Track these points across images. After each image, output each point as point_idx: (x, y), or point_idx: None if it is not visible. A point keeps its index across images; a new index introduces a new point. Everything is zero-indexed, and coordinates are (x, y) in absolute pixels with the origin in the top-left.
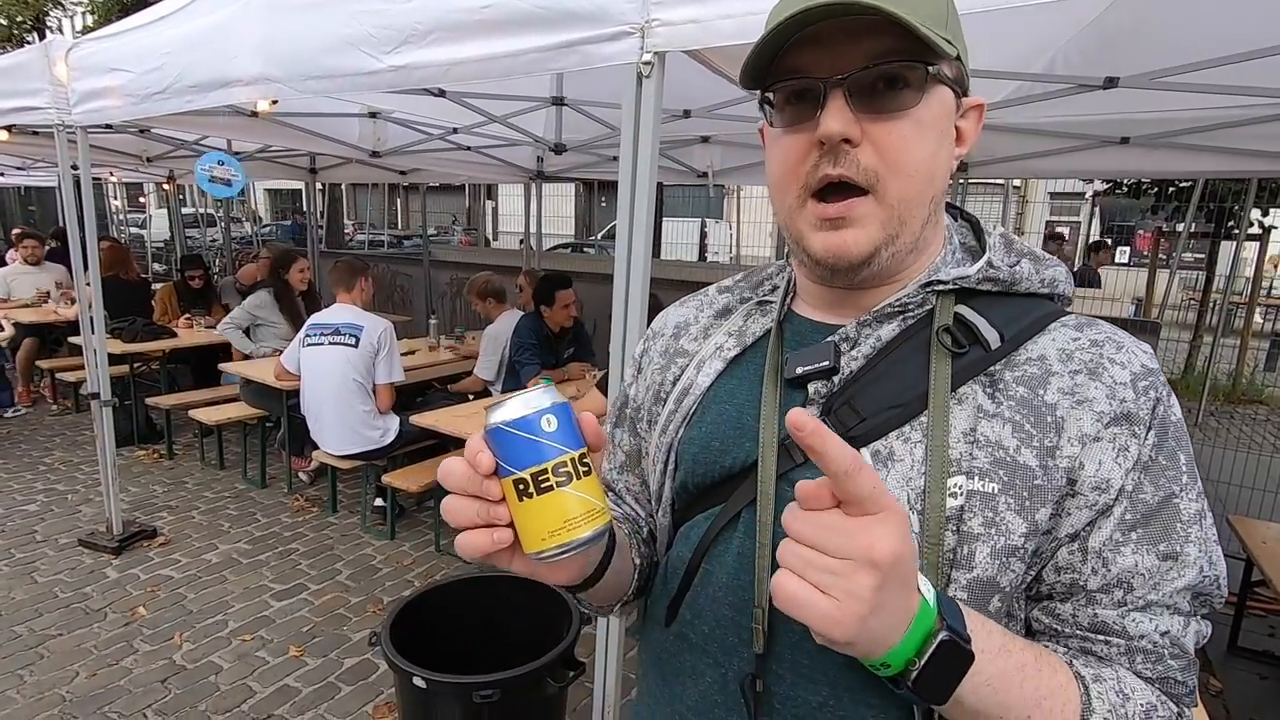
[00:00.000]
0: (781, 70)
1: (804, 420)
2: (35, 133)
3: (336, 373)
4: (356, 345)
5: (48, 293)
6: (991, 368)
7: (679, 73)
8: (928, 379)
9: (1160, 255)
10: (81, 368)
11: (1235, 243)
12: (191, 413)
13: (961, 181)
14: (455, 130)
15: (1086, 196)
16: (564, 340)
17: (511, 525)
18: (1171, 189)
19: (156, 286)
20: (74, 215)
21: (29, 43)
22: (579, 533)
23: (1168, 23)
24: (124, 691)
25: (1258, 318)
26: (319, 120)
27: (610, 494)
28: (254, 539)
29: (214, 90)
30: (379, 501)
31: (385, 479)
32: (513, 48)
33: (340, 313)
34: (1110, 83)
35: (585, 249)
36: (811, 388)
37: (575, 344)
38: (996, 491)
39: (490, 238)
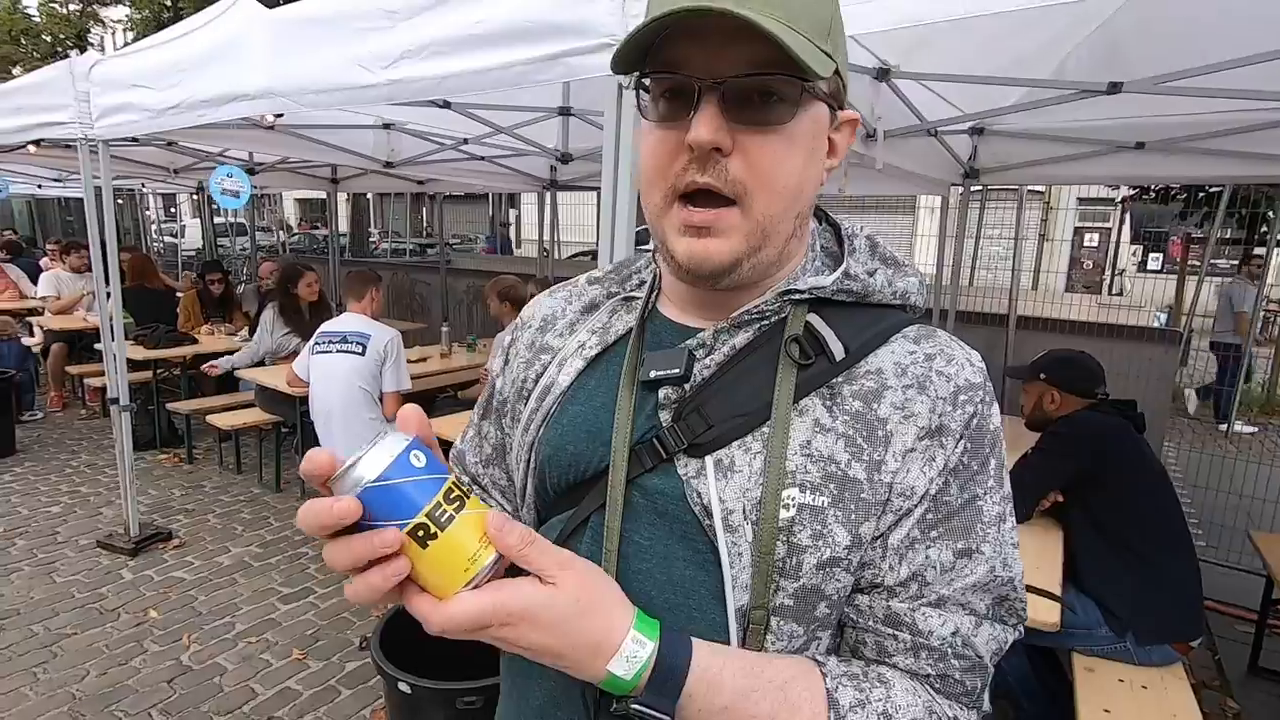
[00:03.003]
0: (658, 61)
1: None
2: (68, 146)
3: (343, 380)
4: (363, 354)
5: (91, 292)
6: (833, 381)
7: None
8: (774, 389)
9: (1193, 262)
10: None
11: (1268, 249)
12: (209, 418)
13: (979, 188)
14: (466, 141)
15: (1116, 202)
16: None
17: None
18: (1201, 194)
19: (181, 294)
20: (95, 225)
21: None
22: (490, 553)
23: (1174, 27)
24: (131, 691)
25: None
26: (334, 132)
27: (476, 489)
28: (265, 543)
29: (223, 105)
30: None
31: None
32: (502, 60)
33: (349, 321)
34: (1114, 88)
35: None
36: (663, 393)
37: None
38: (826, 505)
39: (515, 245)
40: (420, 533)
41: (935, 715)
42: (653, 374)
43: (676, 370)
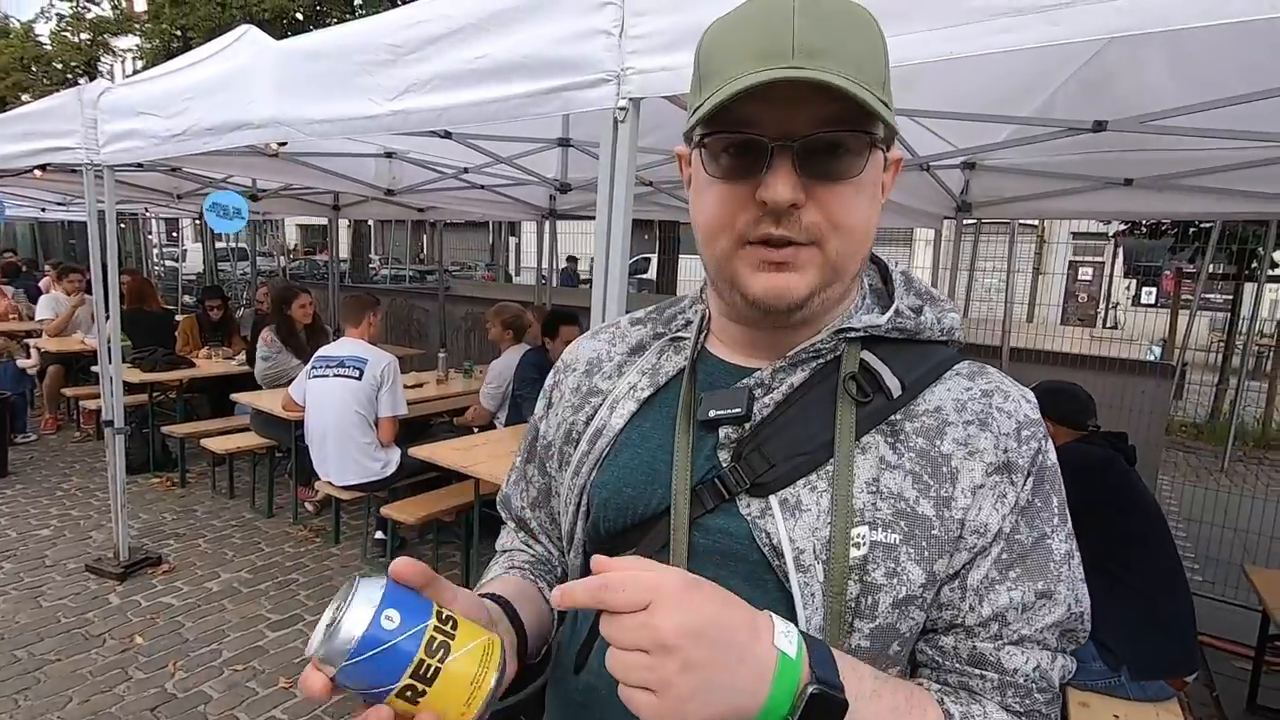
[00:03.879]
0: (728, 118)
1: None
2: (73, 170)
3: (339, 404)
4: (360, 378)
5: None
6: (893, 417)
7: (679, 114)
8: (834, 427)
9: (1186, 296)
10: None
11: (1258, 284)
12: (204, 441)
13: (972, 221)
14: (466, 170)
15: (1109, 236)
16: None
17: None
18: (1192, 230)
19: (180, 318)
20: (97, 248)
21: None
22: (488, 682)
23: (1158, 66)
24: (114, 719)
25: None
26: (337, 160)
27: (522, 532)
28: (256, 568)
29: (229, 133)
30: (379, 534)
31: (384, 511)
32: (502, 93)
33: (347, 346)
34: (1099, 126)
35: None
36: (723, 432)
37: None
38: (898, 542)
39: (513, 273)
40: (409, 693)
41: None
42: (712, 413)
43: (738, 410)
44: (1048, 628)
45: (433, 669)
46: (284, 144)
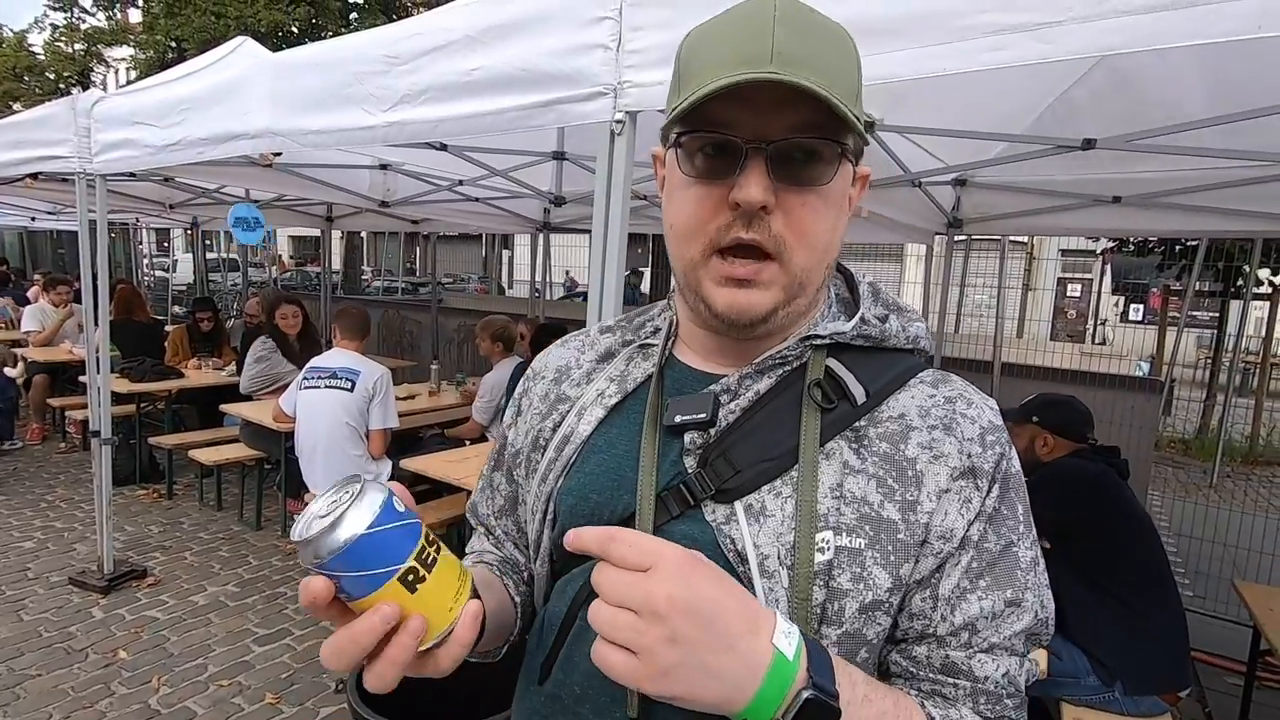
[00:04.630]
0: (700, 119)
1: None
2: (64, 179)
3: (329, 416)
4: (352, 390)
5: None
6: (857, 423)
7: None
8: (799, 433)
9: (1173, 314)
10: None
11: (1244, 302)
12: (192, 453)
13: (962, 238)
14: (461, 182)
15: (1097, 254)
16: None
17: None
18: (1178, 247)
19: (170, 329)
20: (87, 257)
21: None
22: (466, 592)
23: (1147, 85)
24: None
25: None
26: (331, 171)
27: (490, 538)
28: (243, 581)
29: (223, 143)
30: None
31: None
32: (497, 106)
33: (338, 357)
34: (1089, 144)
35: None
36: (688, 438)
37: None
38: (863, 546)
39: (505, 286)
40: (410, 577)
41: None
42: (678, 419)
43: (703, 415)
44: (1016, 634)
45: (432, 557)
46: (278, 154)
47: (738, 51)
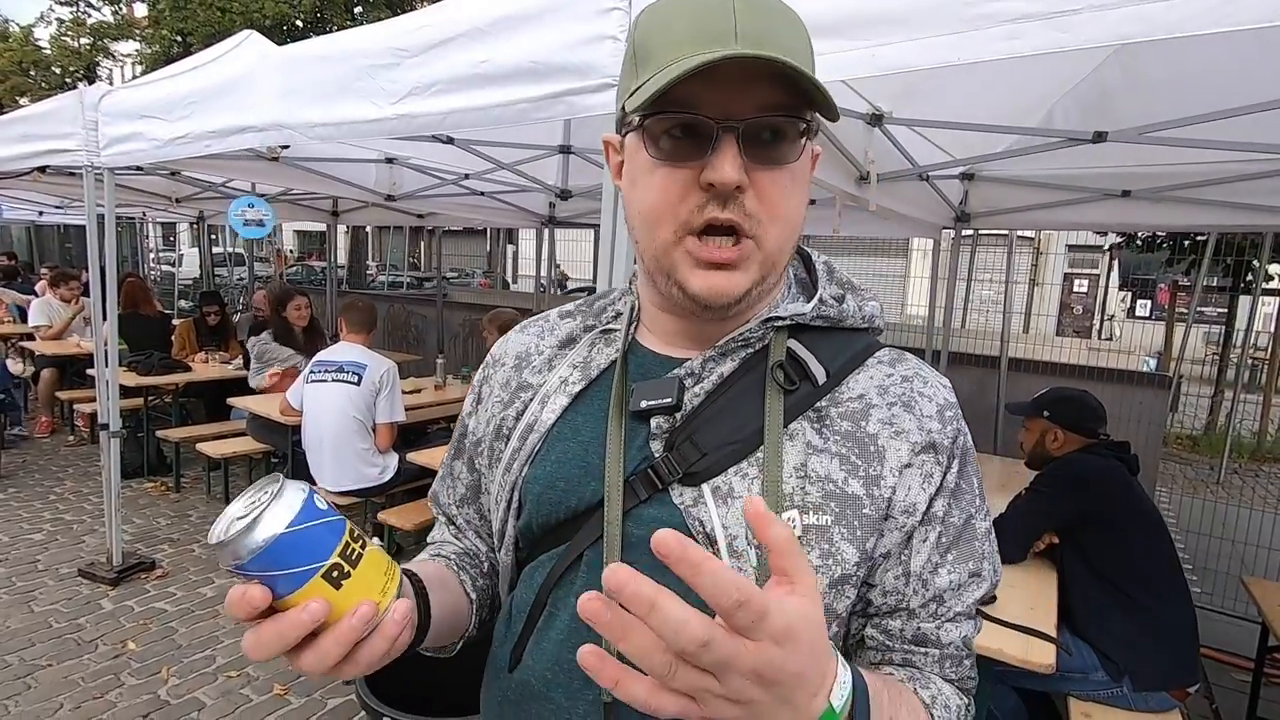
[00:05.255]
0: (670, 100)
1: (671, 546)
2: (72, 173)
3: (337, 409)
4: (359, 383)
5: (87, 319)
6: (819, 403)
7: None
8: (763, 415)
9: (1181, 309)
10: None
11: (1253, 297)
12: (199, 446)
13: (970, 232)
14: (467, 176)
15: (1105, 249)
16: None
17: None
18: (1187, 243)
19: (177, 322)
20: (95, 251)
21: None
22: (398, 576)
23: (1159, 79)
24: None
25: None
26: (337, 165)
27: (451, 527)
28: None
29: (231, 136)
30: (376, 540)
31: (380, 516)
32: (506, 98)
33: (345, 351)
34: (1099, 137)
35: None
36: (654, 423)
37: None
38: (830, 523)
39: (510, 280)
40: (334, 574)
41: (961, 705)
42: (644, 404)
43: (669, 399)
44: (974, 602)
45: (357, 553)
46: (285, 147)
47: (701, 31)
